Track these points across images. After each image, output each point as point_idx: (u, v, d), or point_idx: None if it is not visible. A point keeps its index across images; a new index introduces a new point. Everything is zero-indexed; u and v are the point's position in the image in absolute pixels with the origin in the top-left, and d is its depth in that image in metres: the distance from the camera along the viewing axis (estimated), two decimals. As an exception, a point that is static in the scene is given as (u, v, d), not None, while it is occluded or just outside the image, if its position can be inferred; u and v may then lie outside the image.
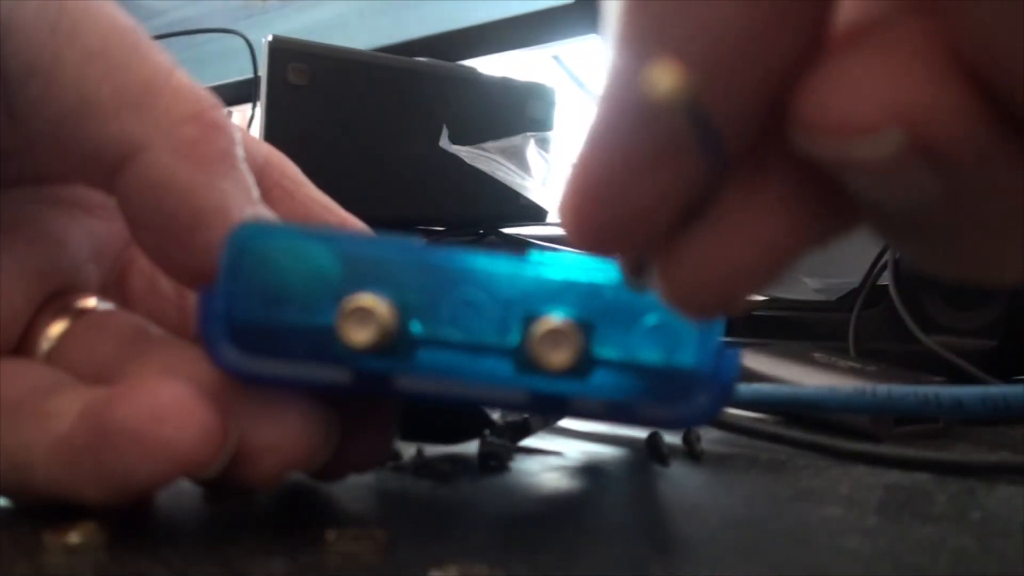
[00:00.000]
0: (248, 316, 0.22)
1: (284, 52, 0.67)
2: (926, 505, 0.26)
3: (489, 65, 0.90)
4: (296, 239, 0.21)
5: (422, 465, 0.29)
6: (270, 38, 0.66)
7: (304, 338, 0.21)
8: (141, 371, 0.23)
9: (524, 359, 0.21)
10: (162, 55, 0.24)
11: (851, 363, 0.42)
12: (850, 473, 0.30)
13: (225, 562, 0.20)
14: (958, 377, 0.42)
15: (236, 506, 0.24)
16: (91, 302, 0.26)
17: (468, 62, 0.84)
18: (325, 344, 0.21)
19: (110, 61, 0.23)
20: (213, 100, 0.24)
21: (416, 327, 0.21)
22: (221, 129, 0.24)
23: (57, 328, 0.25)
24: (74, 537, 0.21)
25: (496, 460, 0.29)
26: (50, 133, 0.23)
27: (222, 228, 0.22)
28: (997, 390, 0.33)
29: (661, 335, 0.21)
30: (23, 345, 0.25)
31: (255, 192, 0.24)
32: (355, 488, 0.26)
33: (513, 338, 0.21)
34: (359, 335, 0.21)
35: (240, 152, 0.24)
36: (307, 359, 0.22)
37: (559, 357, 0.20)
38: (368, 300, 0.21)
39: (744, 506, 0.26)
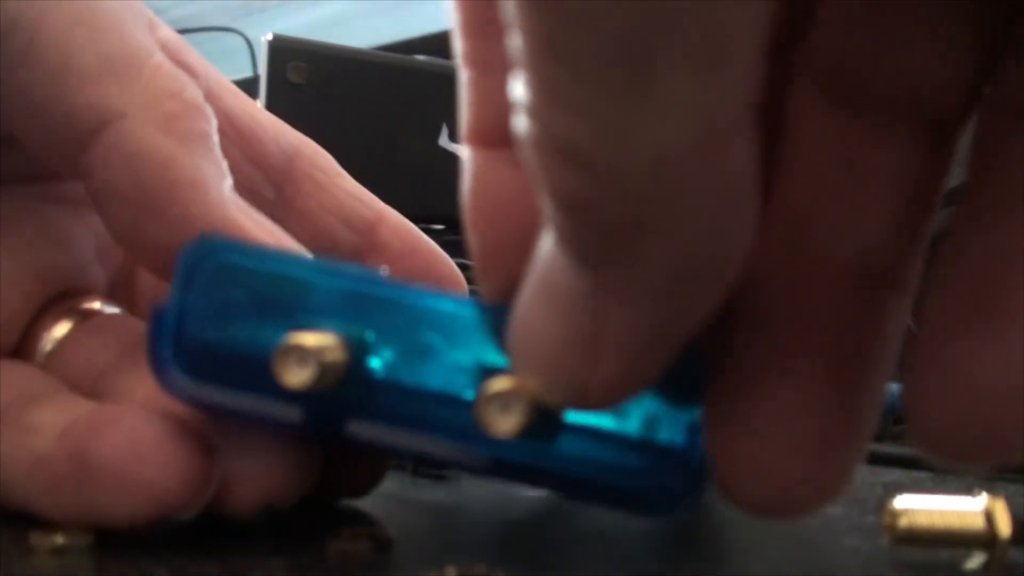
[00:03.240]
0: (197, 335, 0.20)
1: (284, 50, 0.67)
2: (926, 504, 0.26)
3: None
4: (253, 259, 0.20)
5: (422, 465, 0.29)
6: (270, 36, 0.66)
7: (251, 368, 0.19)
8: (135, 386, 0.23)
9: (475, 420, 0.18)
10: (147, 36, 0.24)
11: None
12: (850, 472, 0.30)
13: (225, 562, 0.20)
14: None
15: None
16: (95, 305, 0.26)
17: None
18: (271, 378, 0.19)
19: (96, 29, 0.23)
20: (194, 87, 0.24)
21: (375, 367, 0.19)
22: (201, 110, 0.23)
23: (59, 331, 0.25)
24: (60, 538, 0.20)
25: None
26: (27, 92, 0.23)
27: (198, 203, 0.22)
28: (997, 389, 0.33)
29: (639, 405, 0.18)
30: (24, 348, 0.25)
31: (229, 180, 0.23)
32: (355, 487, 0.26)
33: (469, 393, 0.19)
34: (294, 376, 0.18)
35: (217, 139, 0.24)
36: (253, 391, 0.20)
37: (507, 423, 0.17)
38: (310, 339, 0.18)
39: (744, 505, 0.26)
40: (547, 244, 0.15)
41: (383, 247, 0.28)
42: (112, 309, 0.26)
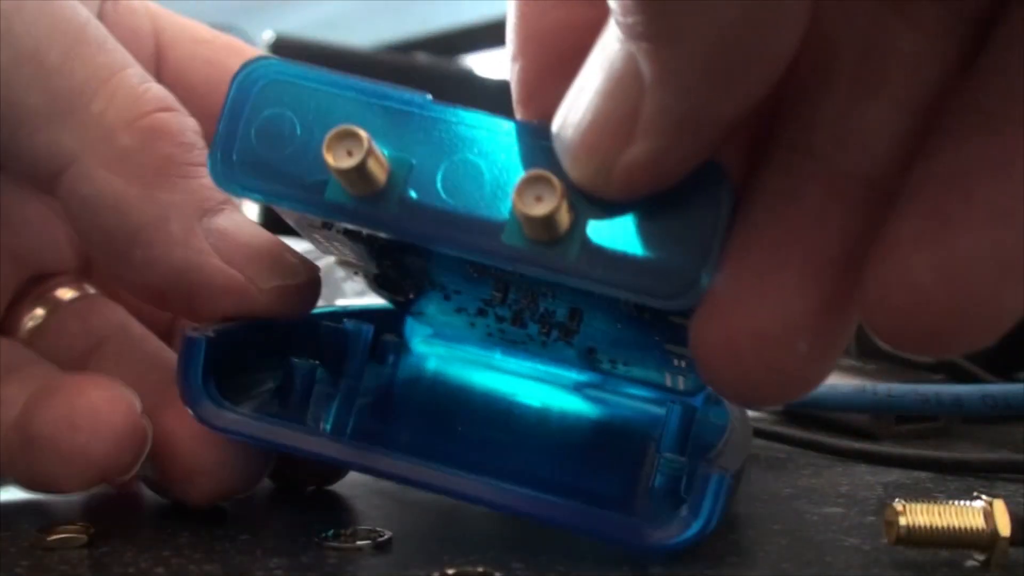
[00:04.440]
0: (247, 149, 0.20)
1: (284, 50, 0.67)
2: (926, 504, 0.26)
3: (488, 64, 0.90)
4: (300, 76, 0.20)
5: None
6: (270, 36, 0.66)
7: (296, 178, 0.20)
8: (115, 370, 0.23)
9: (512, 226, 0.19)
10: (110, 53, 0.23)
11: (851, 361, 0.42)
12: (850, 472, 0.30)
13: (225, 562, 0.20)
14: (958, 375, 0.42)
15: (236, 506, 0.24)
16: (72, 288, 0.26)
17: (468, 60, 0.84)
18: (316, 191, 0.19)
19: (43, 65, 0.22)
20: (160, 101, 0.23)
21: (414, 187, 0.19)
22: (162, 134, 0.22)
23: (38, 313, 0.25)
24: (63, 536, 0.21)
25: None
26: None
27: (159, 245, 0.21)
28: (997, 388, 0.33)
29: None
30: (3, 328, 0.25)
31: (213, 195, 0.22)
32: (355, 488, 0.26)
33: (506, 210, 0.19)
34: (343, 161, 0.19)
35: (191, 156, 0.22)
36: (298, 203, 0.20)
37: (541, 208, 0.18)
38: (361, 130, 0.19)
39: (744, 505, 0.26)
40: (608, 31, 0.15)
41: None
42: (90, 290, 0.26)
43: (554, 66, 0.18)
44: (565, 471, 0.24)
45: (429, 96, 0.20)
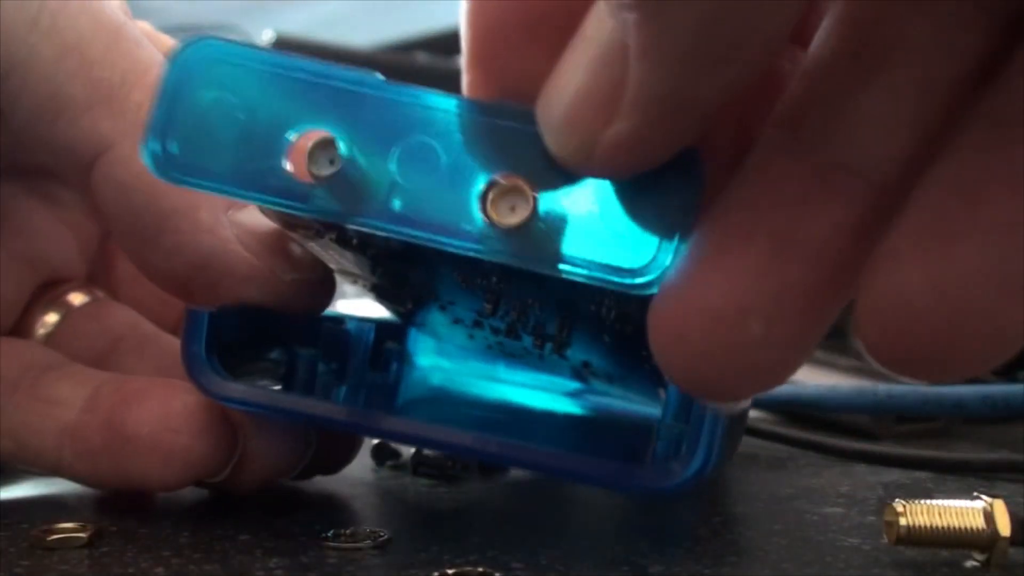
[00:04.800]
0: (185, 141, 0.19)
1: (284, 49, 0.67)
2: (926, 504, 0.26)
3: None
4: (245, 59, 0.19)
5: (421, 464, 0.28)
6: (270, 35, 0.66)
7: (250, 167, 0.19)
8: (136, 367, 0.24)
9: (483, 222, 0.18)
10: (145, 50, 0.24)
11: (851, 361, 0.42)
12: (850, 472, 0.30)
13: (225, 562, 0.20)
14: (958, 375, 0.42)
15: (236, 506, 0.24)
16: (82, 293, 0.26)
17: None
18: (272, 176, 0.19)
19: (85, 56, 0.23)
20: None
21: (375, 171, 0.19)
22: None
23: (51, 317, 0.26)
24: (63, 536, 0.21)
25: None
26: (30, 129, 0.23)
27: (187, 232, 0.22)
28: (997, 389, 0.33)
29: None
30: (18, 333, 0.25)
31: None
32: (355, 488, 0.26)
33: (473, 200, 0.18)
34: (321, 169, 0.18)
35: None
36: (256, 193, 0.19)
37: (514, 218, 0.17)
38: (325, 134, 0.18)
39: (744, 505, 0.26)
40: (597, 5, 0.15)
41: None
42: (100, 295, 0.27)
43: (518, 29, 0.17)
44: (569, 443, 0.24)
45: (380, 76, 0.19)
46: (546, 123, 0.16)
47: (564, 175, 0.17)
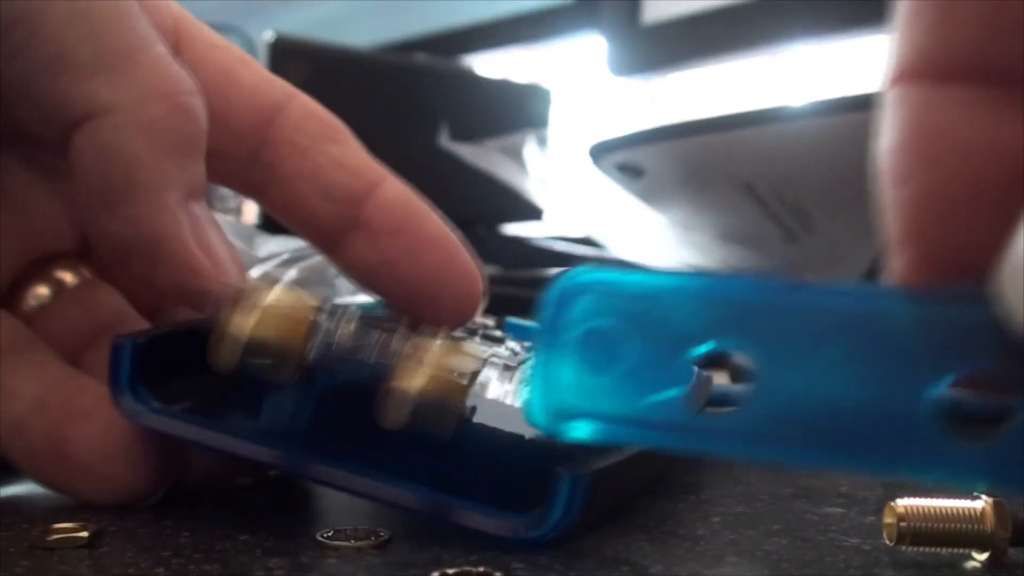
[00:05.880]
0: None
1: (284, 50, 0.67)
2: (926, 504, 0.26)
3: (487, 63, 0.90)
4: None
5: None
6: (270, 35, 0.66)
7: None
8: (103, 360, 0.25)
9: None
10: (149, 29, 0.24)
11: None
12: (850, 472, 0.30)
13: (225, 562, 0.20)
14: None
15: (236, 506, 0.24)
16: (72, 271, 0.27)
17: (468, 60, 0.84)
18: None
19: (95, 23, 0.23)
20: (191, 85, 0.24)
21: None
22: (189, 116, 0.24)
23: (41, 291, 0.26)
24: (63, 536, 0.21)
25: None
26: (24, 82, 0.23)
27: (150, 206, 0.23)
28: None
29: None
30: (5, 307, 0.26)
31: (202, 186, 0.24)
32: (355, 487, 0.26)
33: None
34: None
35: (201, 144, 0.24)
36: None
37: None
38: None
39: (744, 504, 0.26)
40: None
41: (366, 222, 0.27)
42: (87, 275, 0.27)
43: (964, 193, 0.14)
44: (467, 473, 0.23)
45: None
46: (1015, 298, 0.13)
47: None
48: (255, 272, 0.47)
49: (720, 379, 0.23)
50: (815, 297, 0.15)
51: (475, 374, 0.21)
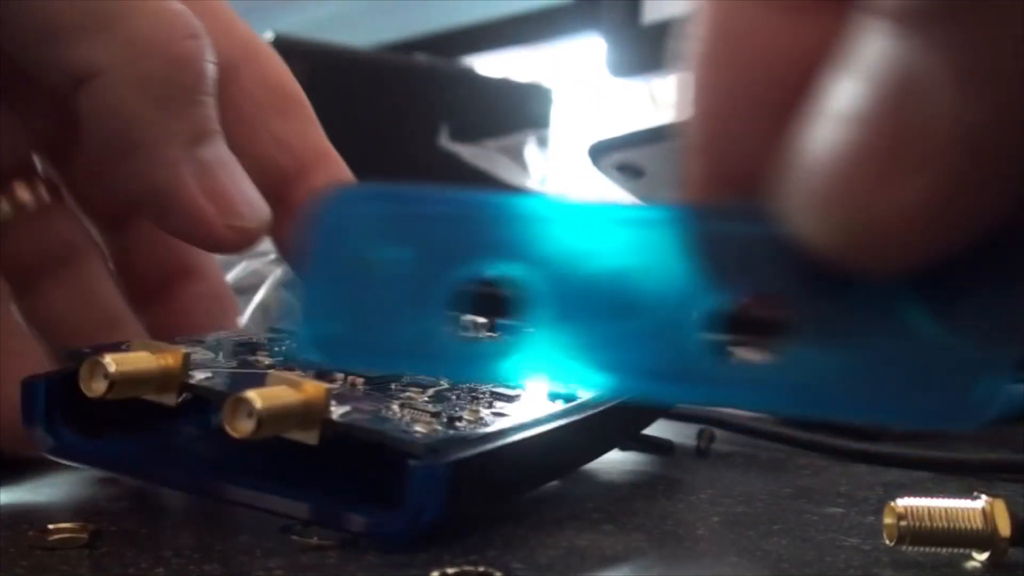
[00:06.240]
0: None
1: (284, 49, 0.67)
2: (926, 504, 0.26)
3: (487, 63, 0.90)
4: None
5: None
6: (270, 35, 0.66)
7: None
8: (52, 294, 0.26)
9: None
10: None
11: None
12: (850, 472, 0.30)
13: (225, 562, 0.20)
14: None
15: (236, 506, 0.24)
16: (28, 192, 0.27)
17: (468, 60, 0.84)
18: None
19: None
20: (189, 28, 0.24)
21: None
22: (187, 63, 0.24)
23: (3, 207, 0.27)
24: (63, 536, 0.21)
25: None
26: (19, 51, 0.23)
27: (150, 162, 0.23)
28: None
29: None
30: None
31: (209, 125, 0.24)
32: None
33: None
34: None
35: (204, 85, 0.24)
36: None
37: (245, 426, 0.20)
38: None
39: (744, 504, 0.26)
40: (868, 36, 0.11)
41: (292, 204, 0.26)
42: (44, 196, 0.27)
43: (750, 102, 0.13)
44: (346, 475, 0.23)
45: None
46: (800, 199, 0.12)
47: (822, 286, 0.13)
48: (243, 268, 0.47)
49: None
50: (591, 213, 0.14)
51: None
